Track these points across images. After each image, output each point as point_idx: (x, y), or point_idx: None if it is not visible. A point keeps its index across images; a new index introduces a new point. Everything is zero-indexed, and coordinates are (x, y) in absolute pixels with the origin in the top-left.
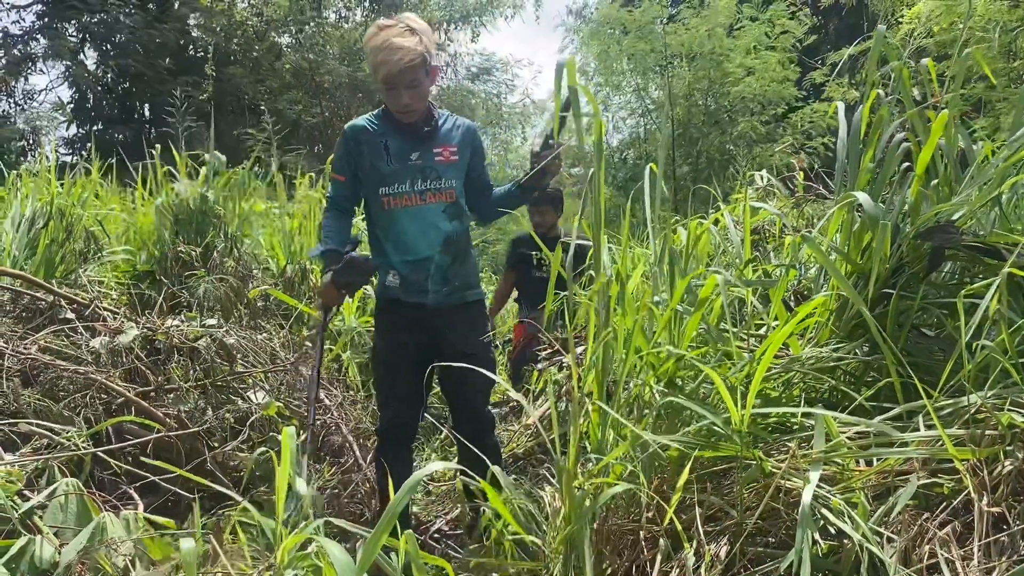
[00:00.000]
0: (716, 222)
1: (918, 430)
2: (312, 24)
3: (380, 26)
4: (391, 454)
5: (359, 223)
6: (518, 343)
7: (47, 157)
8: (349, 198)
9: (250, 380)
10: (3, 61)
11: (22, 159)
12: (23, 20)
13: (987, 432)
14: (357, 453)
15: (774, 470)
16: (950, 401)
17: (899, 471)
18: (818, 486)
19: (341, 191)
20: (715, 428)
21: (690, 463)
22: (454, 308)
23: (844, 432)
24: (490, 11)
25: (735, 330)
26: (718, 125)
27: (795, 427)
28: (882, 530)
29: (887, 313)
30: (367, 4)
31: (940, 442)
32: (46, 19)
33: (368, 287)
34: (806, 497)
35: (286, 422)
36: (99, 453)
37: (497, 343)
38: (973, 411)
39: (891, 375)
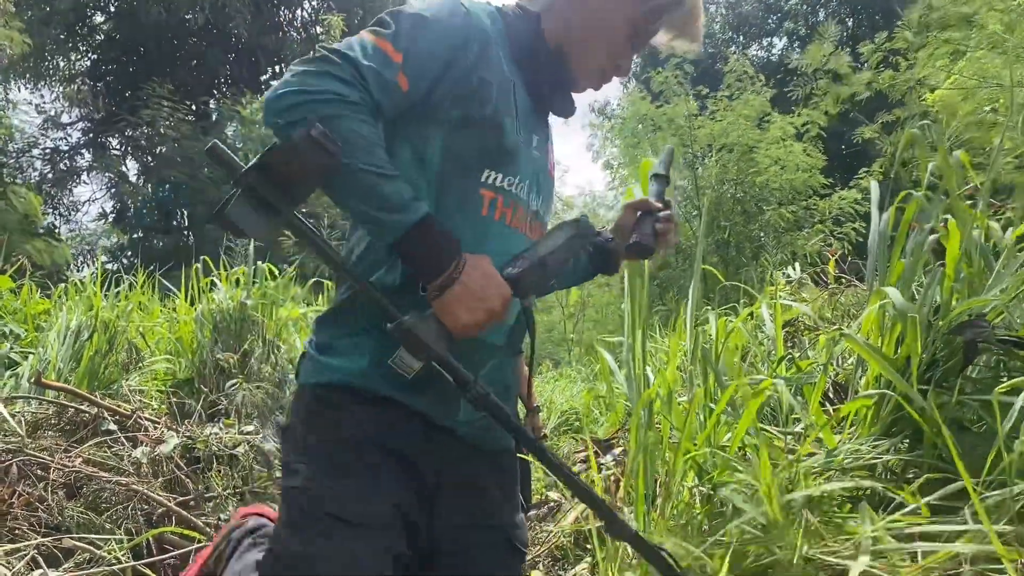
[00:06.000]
0: (751, 315)
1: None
2: None
3: None
4: None
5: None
6: None
7: (91, 268)
8: (396, 114)
9: None
10: (51, 177)
11: (66, 270)
12: (70, 137)
13: None
14: None
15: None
16: (995, 493)
17: (947, 571)
18: None
19: (390, 90)
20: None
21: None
22: (486, 455)
23: (889, 530)
24: None
25: (776, 431)
26: (747, 214)
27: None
28: None
29: (923, 408)
30: None
31: (986, 537)
32: (91, 135)
33: None
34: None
35: None
36: (139, 567)
37: None
38: (1017, 507)
39: (932, 470)
